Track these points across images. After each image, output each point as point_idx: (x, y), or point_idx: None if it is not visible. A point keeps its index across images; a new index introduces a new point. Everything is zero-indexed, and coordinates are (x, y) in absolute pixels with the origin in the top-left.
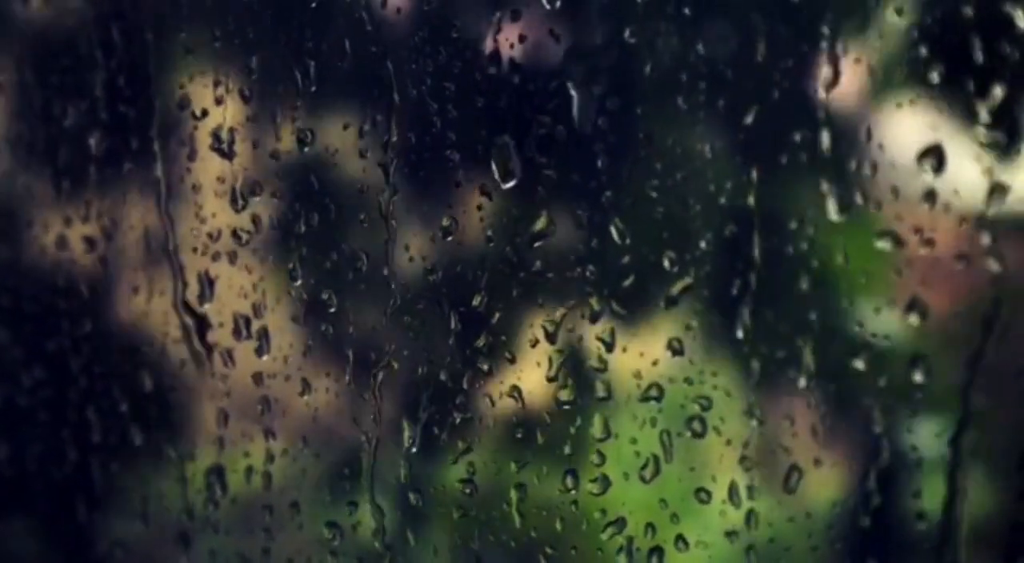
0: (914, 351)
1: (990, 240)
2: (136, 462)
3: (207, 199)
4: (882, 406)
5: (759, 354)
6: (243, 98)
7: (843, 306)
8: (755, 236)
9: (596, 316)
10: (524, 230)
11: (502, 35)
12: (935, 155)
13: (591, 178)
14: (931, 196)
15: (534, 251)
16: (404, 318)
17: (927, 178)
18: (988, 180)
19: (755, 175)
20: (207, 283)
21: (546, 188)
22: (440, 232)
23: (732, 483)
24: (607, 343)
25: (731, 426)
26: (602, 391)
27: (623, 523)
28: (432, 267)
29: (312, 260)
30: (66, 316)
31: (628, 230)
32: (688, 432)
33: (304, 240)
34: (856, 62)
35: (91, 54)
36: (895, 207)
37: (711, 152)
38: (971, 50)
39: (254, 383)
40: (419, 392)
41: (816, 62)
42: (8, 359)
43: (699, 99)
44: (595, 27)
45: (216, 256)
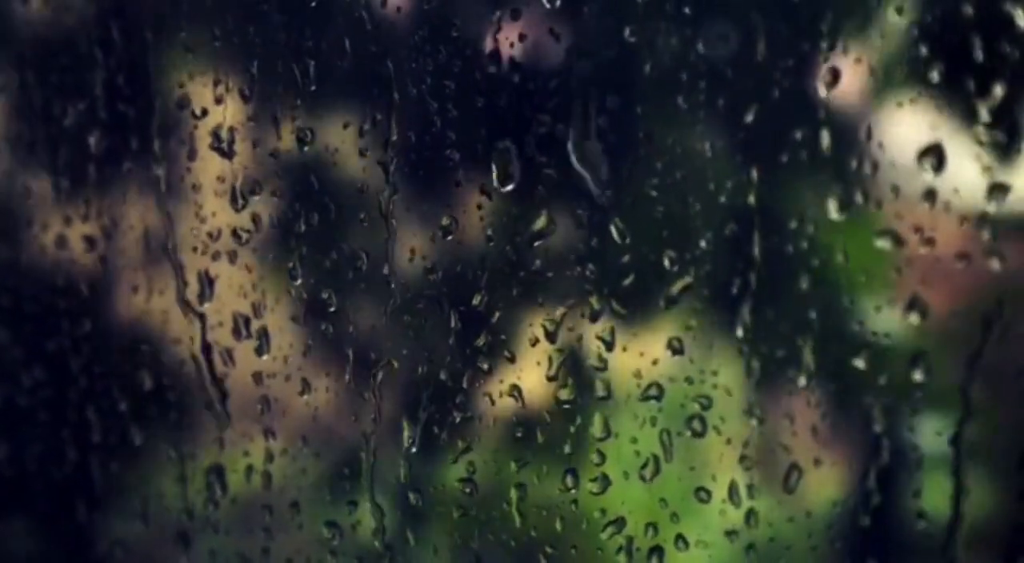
0: (914, 350)
1: (990, 239)
2: (136, 462)
3: (207, 198)
4: (882, 405)
5: (759, 353)
6: (243, 97)
7: (843, 305)
8: (755, 235)
9: (596, 315)
10: (524, 229)
11: (502, 34)
12: (935, 154)
13: (591, 177)
14: (931, 195)
15: (534, 250)
16: (404, 317)
17: (927, 177)
18: (988, 179)
19: (755, 174)
20: (207, 282)
21: (546, 187)
22: (440, 231)
23: (732, 482)
24: (607, 342)
25: (731, 425)
26: (602, 390)
27: (623, 522)
28: (432, 266)
29: (312, 259)
30: (66, 315)
31: (628, 229)
32: (688, 431)
33: (304, 239)
34: (856, 61)
35: (90, 53)
36: (895, 206)
37: (711, 151)
38: (971, 49)
39: (254, 382)
40: (419, 391)
41: (816, 61)
42: (8, 359)
43: (699, 98)
44: (595, 26)
45: (216, 255)
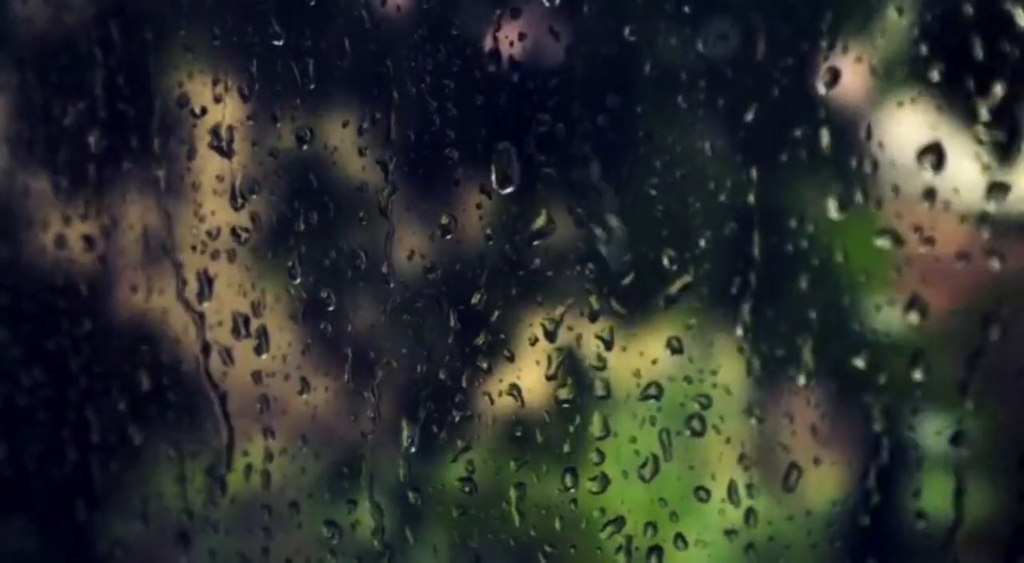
0: (914, 349)
1: (990, 238)
2: (136, 462)
3: (206, 197)
4: (882, 405)
5: (759, 352)
6: (242, 96)
7: (843, 304)
8: (755, 234)
9: (595, 315)
10: (523, 228)
11: (502, 33)
12: (935, 153)
13: (591, 176)
14: (931, 194)
15: (533, 249)
16: (403, 316)
17: (927, 176)
18: (988, 178)
19: (755, 173)
20: (206, 281)
21: (545, 186)
22: (439, 230)
23: (731, 482)
24: (606, 342)
25: (730, 425)
26: (601, 390)
27: (622, 522)
28: (431, 265)
29: (311, 258)
30: (66, 315)
31: (628, 228)
32: (687, 431)
33: (303, 238)
34: (856, 60)
35: (90, 52)
36: (895, 205)
37: (711, 150)
38: (971, 48)
39: (253, 382)
40: (418, 391)
41: (816, 60)
42: (8, 359)
43: (699, 97)
44: (595, 25)
45: (215, 254)
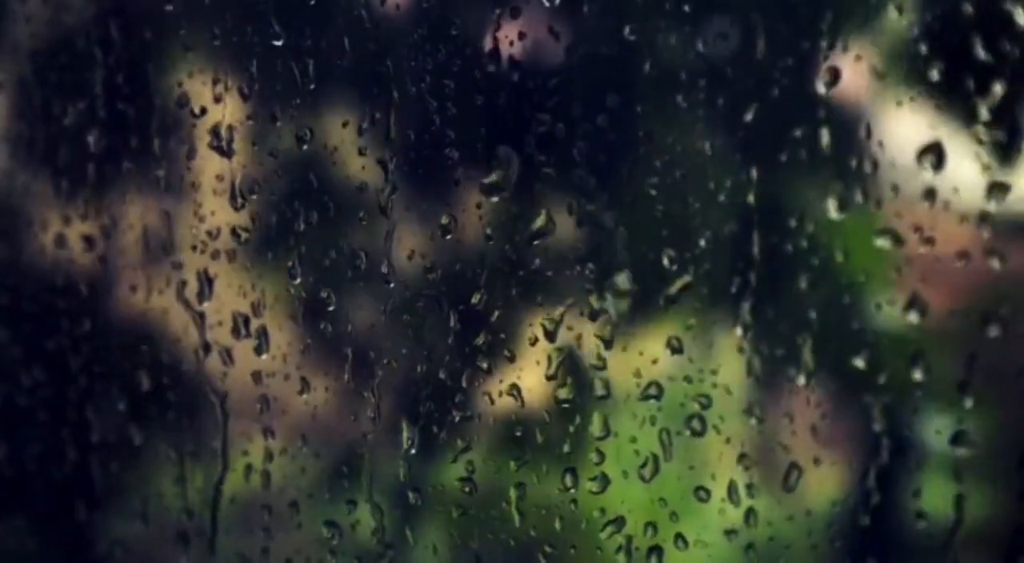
0: (914, 349)
1: (990, 238)
2: (136, 462)
3: (206, 197)
4: (882, 404)
5: (759, 352)
6: (242, 96)
7: (843, 304)
8: (755, 234)
9: (595, 315)
10: (523, 228)
11: (501, 33)
12: (935, 153)
13: (591, 176)
14: (931, 194)
15: (533, 249)
16: (403, 316)
17: (927, 176)
18: (988, 178)
19: (755, 173)
20: (205, 281)
21: (545, 186)
22: (439, 230)
23: (731, 482)
24: (606, 342)
25: (730, 424)
26: (601, 390)
27: (622, 522)
28: (431, 265)
29: (311, 258)
30: (66, 315)
31: (628, 228)
32: (687, 431)
33: (303, 238)
34: (856, 60)
35: (90, 52)
36: (895, 205)
37: (711, 150)
38: (971, 48)
39: (253, 382)
40: (418, 391)
41: (816, 60)
42: (8, 359)
43: (699, 97)
44: (595, 25)
45: (215, 254)
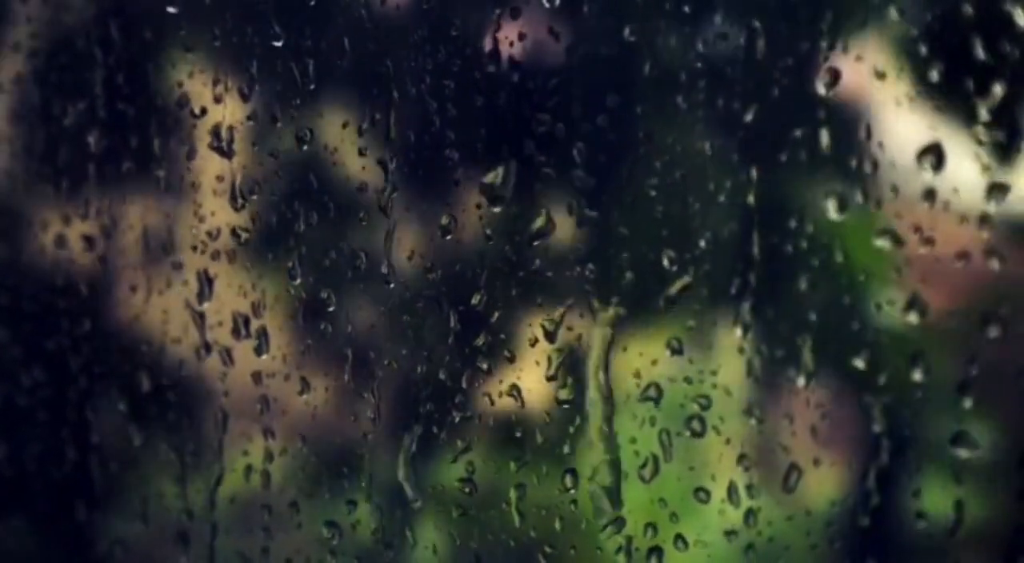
0: (914, 349)
1: (990, 239)
2: (136, 462)
3: (206, 197)
4: (882, 405)
5: (759, 353)
6: (242, 96)
7: (843, 305)
8: (755, 235)
9: (595, 315)
10: (523, 229)
11: (501, 33)
12: (935, 154)
13: (591, 177)
14: (931, 195)
15: (533, 250)
16: (403, 317)
17: (927, 177)
18: (987, 179)
19: (755, 174)
20: (206, 282)
21: (545, 187)
22: (439, 230)
23: (731, 482)
24: (606, 342)
25: (730, 425)
26: (601, 390)
27: (622, 522)
28: (431, 266)
29: (311, 258)
30: (66, 315)
31: (628, 229)
32: (687, 431)
33: (303, 239)
34: (856, 60)
35: (90, 52)
36: (895, 205)
37: (711, 150)
38: (971, 48)
39: (253, 382)
40: (418, 391)
41: (816, 60)
42: (8, 359)
43: (699, 97)
44: (594, 25)
45: (215, 255)
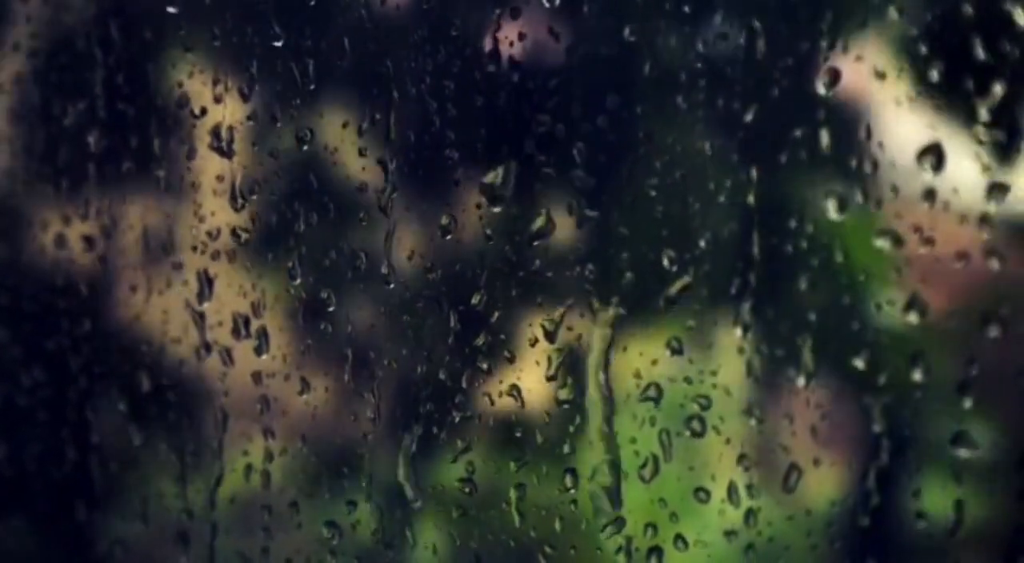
0: (914, 350)
1: (990, 239)
2: (136, 462)
3: (206, 197)
4: (882, 405)
5: (758, 353)
6: (242, 96)
7: (843, 305)
8: (755, 235)
9: (595, 315)
10: (523, 229)
11: (501, 33)
12: (935, 154)
13: (591, 177)
14: (931, 195)
15: (533, 250)
16: (403, 317)
17: (927, 177)
18: (988, 179)
19: (755, 174)
20: (206, 282)
21: (545, 187)
22: (439, 230)
23: (731, 482)
24: (606, 342)
25: (730, 425)
26: (601, 390)
27: (622, 522)
28: (431, 266)
29: (311, 259)
30: (65, 315)
31: (628, 229)
32: (687, 431)
33: (303, 239)
34: (856, 60)
35: (90, 52)
36: (895, 206)
37: (711, 151)
38: (971, 48)
39: (253, 382)
40: (418, 391)
41: (816, 60)
42: (8, 359)
43: (699, 97)
44: (594, 25)
45: (215, 255)
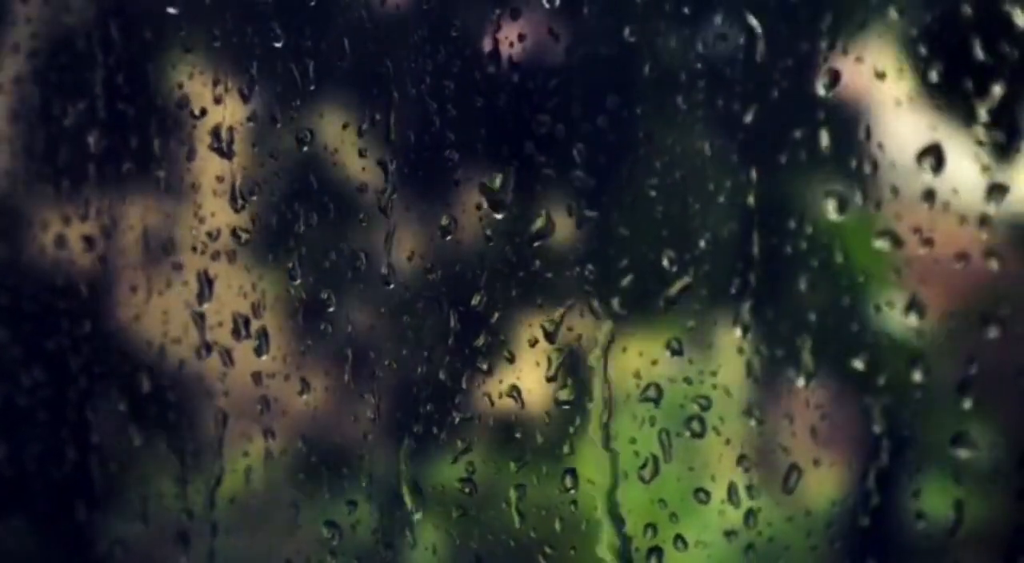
0: (914, 350)
1: (989, 239)
2: (136, 462)
3: (206, 198)
4: (882, 405)
5: (758, 353)
6: (242, 97)
7: (842, 305)
8: (755, 235)
9: (595, 316)
10: (523, 229)
11: (501, 34)
12: (934, 154)
13: (591, 177)
14: (930, 195)
15: (533, 250)
16: (403, 317)
17: (926, 177)
18: (987, 179)
19: (755, 174)
20: (206, 282)
21: (545, 187)
22: (439, 231)
23: (731, 483)
24: (606, 343)
25: (730, 426)
26: (601, 391)
27: (622, 523)
28: (431, 266)
29: (311, 259)
30: (65, 315)
31: (628, 230)
32: (687, 432)
33: (303, 239)
34: (856, 61)
35: (90, 52)
36: (894, 206)
37: (711, 151)
38: (970, 49)
39: (253, 382)
40: (418, 392)
41: (816, 61)
42: (10, 359)
43: (699, 98)
44: (594, 26)
45: (215, 255)
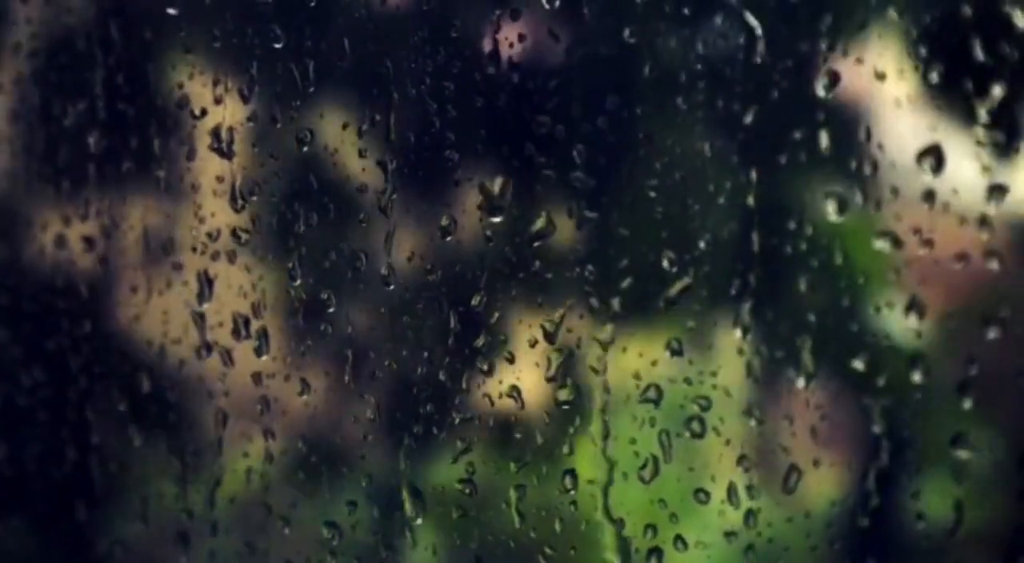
0: (914, 351)
1: (989, 240)
2: (136, 462)
3: (206, 198)
4: (882, 406)
5: (758, 354)
6: (242, 97)
7: (842, 306)
8: (754, 236)
9: (595, 316)
10: (523, 230)
11: (501, 34)
12: (934, 155)
13: (591, 178)
14: (930, 196)
15: (533, 251)
16: (403, 318)
17: (926, 178)
18: (987, 180)
19: (755, 175)
20: (206, 283)
21: (545, 188)
22: (439, 232)
23: (731, 483)
24: (606, 343)
25: (730, 426)
26: (601, 391)
27: (622, 523)
28: (431, 267)
29: (311, 259)
30: (65, 315)
31: (628, 230)
32: (687, 432)
33: (303, 240)
34: (856, 62)
35: (90, 52)
36: (894, 207)
37: (711, 152)
38: (970, 50)
39: (253, 383)
40: (418, 392)
41: (816, 62)
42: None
43: (699, 99)
44: (594, 27)
45: (215, 255)
